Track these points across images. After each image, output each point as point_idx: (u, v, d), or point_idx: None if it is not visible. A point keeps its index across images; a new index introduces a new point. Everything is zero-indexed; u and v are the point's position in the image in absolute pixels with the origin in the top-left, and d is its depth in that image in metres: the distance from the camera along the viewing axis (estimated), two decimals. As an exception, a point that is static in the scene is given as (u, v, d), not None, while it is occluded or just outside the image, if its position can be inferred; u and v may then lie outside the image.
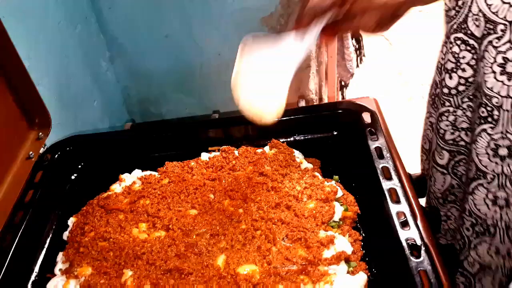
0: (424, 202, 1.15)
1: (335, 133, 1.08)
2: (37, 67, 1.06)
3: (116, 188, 0.99)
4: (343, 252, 0.80)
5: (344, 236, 0.85)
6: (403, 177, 0.92)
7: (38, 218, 0.96)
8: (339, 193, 0.92)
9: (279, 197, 0.90)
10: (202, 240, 0.83)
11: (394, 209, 0.82)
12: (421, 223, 0.83)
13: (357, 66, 2.22)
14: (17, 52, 0.96)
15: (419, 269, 0.73)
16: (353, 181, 0.98)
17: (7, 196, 0.97)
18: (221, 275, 0.77)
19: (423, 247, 0.76)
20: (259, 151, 1.03)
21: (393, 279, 0.79)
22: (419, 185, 1.02)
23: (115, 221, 0.90)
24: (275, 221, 0.85)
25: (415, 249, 0.76)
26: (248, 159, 1.00)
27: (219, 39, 1.49)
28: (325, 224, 0.85)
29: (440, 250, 0.81)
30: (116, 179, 1.02)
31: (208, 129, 1.10)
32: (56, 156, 1.06)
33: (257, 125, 0.83)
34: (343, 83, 2.16)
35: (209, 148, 1.08)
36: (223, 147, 1.04)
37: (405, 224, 0.80)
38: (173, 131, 1.12)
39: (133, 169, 1.04)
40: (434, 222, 0.94)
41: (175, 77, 1.63)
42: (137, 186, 0.98)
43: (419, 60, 3.24)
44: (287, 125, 1.07)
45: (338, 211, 0.88)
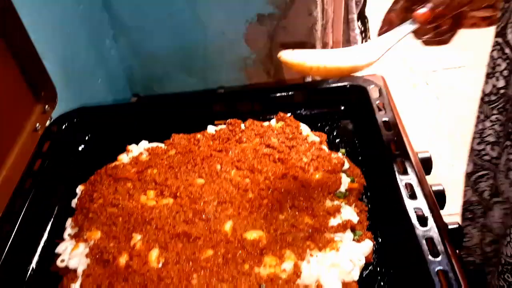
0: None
1: (342, 108, 1.08)
2: (41, 42, 1.06)
3: (124, 158, 0.99)
4: (349, 220, 0.81)
5: (350, 206, 0.86)
6: (409, 150, 0.92)
7: (47, 187, 0.97)
8: (345, 165, 0.92)
9: (285, 168, 0.90)
10: (210, 207, 0.84)
11: (402, 180, 0.83)
12: (428, 193, 0.83)
13: (362, 46, 2.21)
14: (23, 25, 0.97)
15: (425, 237, 0.74)
16: (360, 155, 0.99)
17: (15, 166, 0.98)
18: (228, 240, 0.78)
19: (430, 217, 0.77)
20: (265, 124, 1.03)
21: (400, 247, 0.80)
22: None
23: (123, 189, 0.91)
24: (281, 190, 0.86)
25: (422, 219, 0.77)
26: (255, 132, 1.00)
27: (223, 18, 1.49)
28: (332, 194, 0.86)
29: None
30: (123, 151, 1.03)
31: (214, 103, 1.11)
32: (63, 127, 1.06)
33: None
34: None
35: (215, 122, 1.08)
36: (229, 120, 1.04)
37: (413, 196, 0.81)
38: (179, 104, 1.12)
39: (140, 141, 1.04)
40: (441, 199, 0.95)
41: (178, 56, 1.62)
42: (144, 157, 0.99)
43: (424, 47, 3.23)
44: (293, 100, 1.08)
45: (345, 182, 0.89)
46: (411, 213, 0.77)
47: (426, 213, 0.77)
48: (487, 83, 0.83)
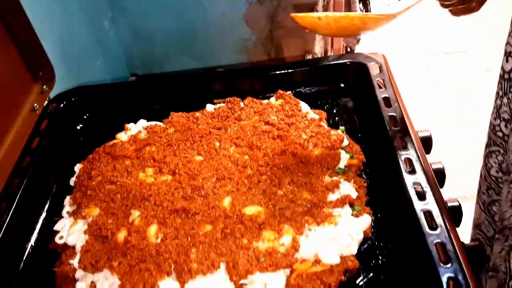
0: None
1: (342, 85, 1.07)
2: (39, 22, 1.05)
3: (122, 136, 0.99)
4: (348, 196, 0.81)
5: (349, 182, 0.85)
6: (409, 126, 0.92)
7: (45, 165, 0.97)
8: (345, 142, 0.92)
9: (284, 144, 0.90)
10: (208, 183, 0.84)
11: (401, 155, 0.82)
12: (427, 170, 0.83)
13: (364, 32, 2.18)
14: (22, 6, 0.96)
15: (424, 210, 0.73)
16: (360, 132, 0.98)
17: (13, 145, 0.98)
18: (227, 215, 0.78)
19: (429, 191, 0.76)
20: (264, 102, 1.02)
21: (398, 222, 0.79)
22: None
23: (121, 167, 0.90)
24: (280, 166, 0.86)
25: (421, 194, 0.76)
26: (254, 109, 1.00)
27: (223, -1, 1.47)
28: (330, 171, 0.86)
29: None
30: (121, 130, 1.02)
31: (213, 81, 1.10)
32: (62, 106, 1.06)
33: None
34: (348, 49, 2.13)
35: (214, 101, 1.07)
36: (228, 98, 1.03)
37: (412, 171, 0.80)
38: (178, 83, 1.11)
39: (138, 120, 1.04)
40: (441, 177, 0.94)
41: (178, 38, 1.61)
42: (142, 135, 0.98)
43: (427, 30, 3.20)
44: (293, 77, 1.07)
45: (344, 158, 0.88)
46: (409, 187, 0.77)
47: (425, 187, 0.77)
48: (507, 61, 0.82)
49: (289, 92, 1.05)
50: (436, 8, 0.77)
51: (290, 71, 1.06)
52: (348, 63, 1.05)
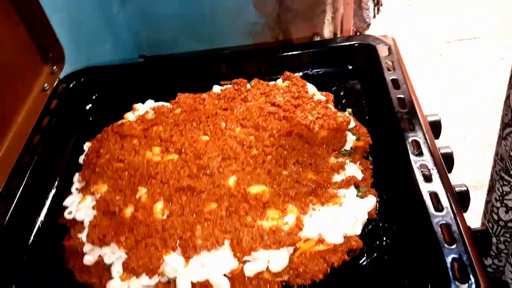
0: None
1: (349, 67, 1.07)
2: (49, 4, 1.05)
3: (130, 116, 1.00)
4: (353, 177, 0.81)
5: (355, 164, 0.85)
6: (417, 109, 0.91)
7: (55, 143, 0.98)
8: (351, 123, 0.92)
9: (290, 125, 0.90)
10: (214, 162, 0.84)
11: (408, 137, 0.82)
12: (434, 152, 0.82)
13: (374, 16, 2.15)
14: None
15: (430, 192, 0.73)
16: (367, 114, 0.98)
17: (24, 125, 1.00)
18: (231, 194, 0.79)
19: (436, 173, 0.76)
20: (271, 83, 1.02)
21: (403, 203, 0.79)
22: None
23: (129, 145, 0.91)
24: (286, 147, 0.86)
25: (428, 176, 0.76)
26: (260, 91, 1.00)
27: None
28: (336, 152, 0.86)
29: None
30: (129, 110, 1.03)
31: (220, 63, 1.10)
32: (71, 86, 1.07)
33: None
34: (358, 34, 2.11)
35: (221, 82, 1.08)
36: (235, 79, 1.04)
37: (419, 153, 0.80)
38: (185, 65, 1.11)
39: (146, 101, 1.04)
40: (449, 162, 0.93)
41: (186, 22, 1.60)
42: (150, 115, 0.99)
43: (436, 19, 3.15)
44: (300, 59, 1.06)
45: (350, 140, 0.88)
46: (416, 169, 0.76)
47: (432, 169, 0.76)
48: None
49: (296, 74, 1.05)
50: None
51: (298, 52, 1.06)
52: (356, 44, 1.04)
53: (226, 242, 0.73)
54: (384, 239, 0.77)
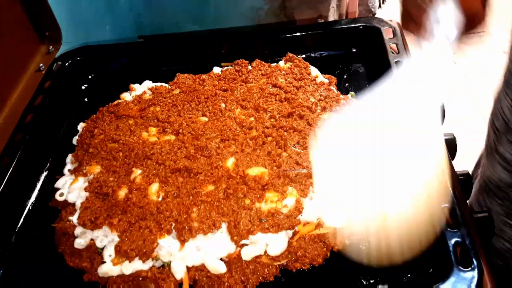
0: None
1: (353, 50, 1.04)
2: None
3: (127, 96, 0.97)
4: (355, 160, 0.78)
5: (357, 147, 0.83)
6: (422, 92, 0.88)
7: (48, 124, 0.95)
8: (354, 106, 0.89)
9: (292, 107, 0.87)
10: (212, 143, 0.81)
11: (411, 120, 0.79)
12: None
13: (380, 6, 2.12)
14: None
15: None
16: (370, 98, 0.94)
17: (17, 104, 0.97)
18: (230, 175, 0.76)
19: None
20: (273, 65, 0.99)
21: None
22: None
23: (125, 126, 0.89)
24: (287, 128, 0.83)
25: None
26: (262, 72, 0.97)
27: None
28: (339, 134, 0.83)
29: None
30: (126, 90, 1.00)
31: (221, 44, 1.06)
32: (66, 65, 1.04)
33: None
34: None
35: (222, 64, 1.04)
36: (236, 61, 1.00)
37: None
38: (185, 44, 1.08)
39: (143, 81, 1.01)
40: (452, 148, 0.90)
41: (189, 6, 1.57)
42: (147, 96, 0.96)
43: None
44: (303, 41, 1.03)
45: (353, 123, 0.85)
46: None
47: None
48: None
49: (299, 57, 1.01)
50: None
51: (301, 34, 1.03)
52: (361, 27, 1.01)
53: (223, 225, 0.71)
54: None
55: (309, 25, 1.09)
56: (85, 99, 1.06)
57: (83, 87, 1.07)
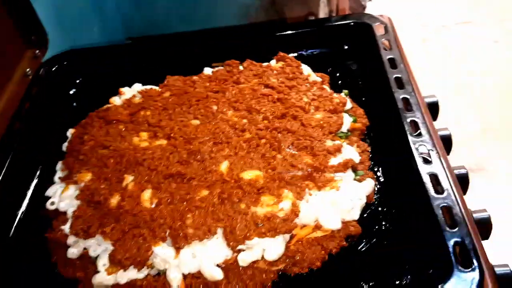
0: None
1: (345, 47, 1.02)
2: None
3: (116, 100, 0.95)
4: (351, 159, 0.77)
5: (352, 146, 0.82)
6: (415, 89, 0.87)
7: (36, 131, 0.93)
8: (348, 105, 0.88)
9: (285, 107, 0.86)
10: (205, 147, 0.80)
11: (406, 117, 0.78)
12: (433, 133, 0.79)
13: (370, -1, 2.10)
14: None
15: (430, 173, 0.70)
16: (364, 96, 0.94)
17: (4, 111, 0.94)
18: (224, 180, 0.74)
19: (435, 154, 0.73)
20: (264, 64, 0.98)
21: (402, 186, 0.76)
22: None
23: (115, 131, 0.87)
24: (280, 130, 0.82)
25: (427, 158, 0.72)
26: (253, 72, 0.95)
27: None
28: (333, 134, 0.82)
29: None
30: (115, 94, 0.98)
31: (211, 43, 1.05)
32: (53, 70, 1.02)
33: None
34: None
35: (212, 64, 1.03)
36: (227, 61, 0.99)
37: (418, 134, 0.76)
38: (174, 45, 1.06)
39: (133, 84, 0.99)
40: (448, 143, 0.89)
41: (179, 4, 1.55)
42: (137, 99, 0.94)
43: (432, 2, 3.11)
44: (294, 39, 1.02)
45: (347, 122, 0.84)
46: (415, 150, 0.73)
47: (431, 151, 0.73)
48: None
49: (290, 55, 1.00)
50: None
51: (292, 32, 1.02)
52: (352, 23, 1.00)
53: (218, 230, 0.70)
54: (383, 223, 0.74)
55: (299, 22, 1.07)
56: (74, 104, 1.03)
57: (71, 92, 1.05)
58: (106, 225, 0.72)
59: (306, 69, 0.96)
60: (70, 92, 1.05)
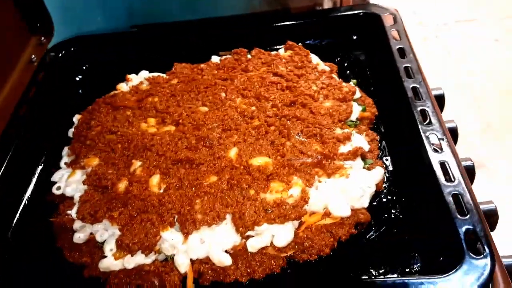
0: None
1: (353, 37, 1.02)
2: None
3: (123, 87, 0.95)
4: (360, 148, 0.77)
5: (361, 135, 0.81)
6: (424, 78, 0.87)
7: (42, 117, 0.93)
8: (357, 94, 0.87)
9: (294, 95, 0.85)
10: (214, 134, 0.79)
11: (416, 106, 0.78)
12: (442, 123, 0.78)
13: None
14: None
15: (440, 161, 0.69)
16: (372, 85, 0.93)
17: (10, 97, 0.94)
18: (233, 166, 0.74)
19: (446, 143, 0.72)
20: (273, 53, 0.97)
21: (412, 174, 0.76)
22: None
23: (122, 117, 0.86)
24: (289, 117, 0.81)
25: (437, 146, 0.72)
26: (262, 60, 0.95)
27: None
28: (342, 122, 0.82)
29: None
30: (121, 81, 0.97)
31: (218, 32, 1.04)
32: (60, 56, 1.01)
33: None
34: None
35: (220, 53, 1.02)
36: (234, 49, 0.98)
37: (428, 122, 0.76)
38: (182, 33, 1.05)
39: (139, 72, 0.99)
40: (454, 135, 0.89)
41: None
42: (144, 86, 0.94)
43: (433, 0, 3.10)
44: (301, 29, 1.01)
45: (356, 110, 0.84)
46: (425, 138, 0.72)
47: (442, 139, 0.73)
48: None
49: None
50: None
51: (300, 22, 1.01)
52: (361, 13, 0.99)
53: (227, 216, 0.69)
54: (393, 212, 0.74)
55: (307, 12, 1.06)
56: (80, 91, 1.03)
57: (77, 78, 1.04)
58: (114, 209, 0.71)
59: (314, 58, 0.95)
60: (76, 79, 1.04)
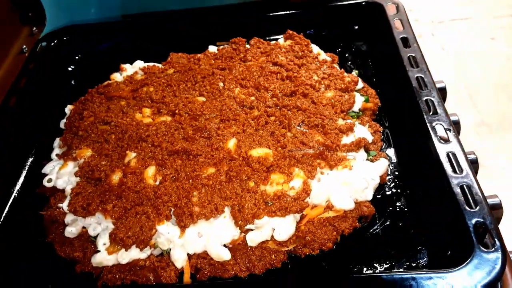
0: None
1: (355, 27, 0.99)
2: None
3: (117, 77, 0.91)
4: (364, 139, 0.74)
5: (364, 126, 0.79)
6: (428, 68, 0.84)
7: (33, 107, 0.89)
8: (359, 84, 0.85)
9: (294, 85, 0.83)
10: (211, 124, 0.76)
11: (422, 96, 0.75)
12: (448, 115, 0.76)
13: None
14: None
15: (448, 152, 0.67)
16: (374, 76, 0.91)
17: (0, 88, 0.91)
18: (232, 157, 0.71)
19: (452, 133, 0.70)
20: (272, 42, 0.94)
21: (418, 166, 0.73)
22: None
23: (116, 107, 0.83)
24: (290, 107, 0.79)
25: (444, 136, 0.69)
26: (261, 50, 0.92)
27: None
28: (344, 113, 0.79)
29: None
30: (115, 71, 0.94)
31: (215, 21, 1.01)
32: (51, 46, 0.97)
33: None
34: None
35: (217, 43, 0.99)
36: (232, 38, 0.95)
37: (434, 112, 0.73)
38: (178, 22, 1.02)
39: (133, 62, 0.95)
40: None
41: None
42: (139, 76, 0.91)
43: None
44: (301, 19, 0.98)
45: (358, 101, 0.81)
46: (431, 128, 0.70)
47: (448, 129, 0.70)
48: None
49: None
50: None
51: (299, 11, 0.98)
52: (363, 3, 0.97)
53: (226, 209, 0.66)
54: (398, 204, 0.71)
55: (308, 1, 1.03)
56: (72, 81, 0.99)
57: (69, 69, 1.01)
58: (107, 202, 0.68)
59: (315, 48, 0.93)
60: (69, 69, 1.01)
